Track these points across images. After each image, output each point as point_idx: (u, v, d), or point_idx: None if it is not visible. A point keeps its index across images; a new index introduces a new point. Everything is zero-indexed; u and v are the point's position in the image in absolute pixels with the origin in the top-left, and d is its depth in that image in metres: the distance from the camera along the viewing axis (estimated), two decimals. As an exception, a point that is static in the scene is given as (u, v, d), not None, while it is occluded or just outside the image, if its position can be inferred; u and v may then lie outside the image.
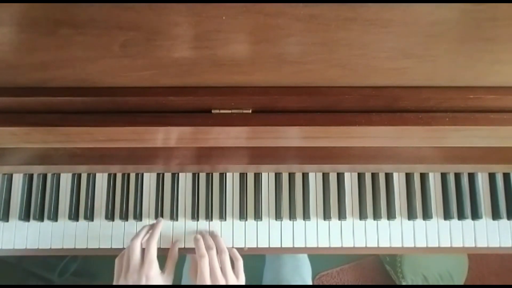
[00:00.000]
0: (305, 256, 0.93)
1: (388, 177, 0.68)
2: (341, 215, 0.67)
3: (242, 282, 0.62)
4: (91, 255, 0.67)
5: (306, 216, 0.67)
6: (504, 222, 0.67)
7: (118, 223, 0.68)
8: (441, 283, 1.27)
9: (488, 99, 0.51)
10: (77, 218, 0.68)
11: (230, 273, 0.60)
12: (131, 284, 0.57)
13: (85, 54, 0.48)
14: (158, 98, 0.50)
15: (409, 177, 0.68)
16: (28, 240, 0.68)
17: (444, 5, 0.44)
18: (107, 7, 0.45)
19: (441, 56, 0.48)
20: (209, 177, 0.68)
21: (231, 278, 0.60)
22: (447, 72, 0.49)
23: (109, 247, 0.67)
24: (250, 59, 0.48)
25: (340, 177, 0.68)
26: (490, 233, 0.67)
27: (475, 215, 0.67)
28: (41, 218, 0.68)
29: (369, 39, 0.46)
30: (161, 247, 0.66)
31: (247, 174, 0.68)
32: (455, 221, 0.67)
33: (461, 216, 0.67)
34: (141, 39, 0.47)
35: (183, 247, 0.67)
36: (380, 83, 0.50)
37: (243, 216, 0.67)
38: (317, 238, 0.67)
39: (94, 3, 0.45)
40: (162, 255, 0.64)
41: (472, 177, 0.68)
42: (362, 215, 0.67)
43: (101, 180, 0.69)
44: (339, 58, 0.48)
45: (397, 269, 1.29)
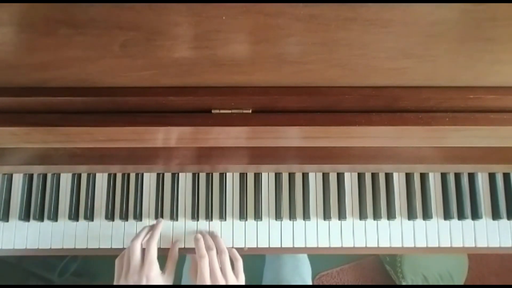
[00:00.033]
0: (305, 256, 0.93)
1: (388, 177, 0.68)
2: (341, 215, 0.67)
3: (242, 282, 0.62)
4: (91, 255, 0.67)
5: (306, 216, 0.67)
6: (504, 222, 0.67)
7: (118, 223, 0.68)
8: (441, 283, 1.27)
9: (488, 99, 0.51)
10: (77, 218, 0.68)
11: (230, 274, 0.60)
12: (131, 284, 0.57)
13: (85, 54, 0.48)
14: (158, 98, 0.50)
15: (409, 177, 0.68)
16: (28, 240, 0.68)
17: (444, 5, 0.44)
18: (107, 7, 0.45)
19: (441, 56, 0.48)
20: (209, 177, 0.68)
21: (231, 279, 0.60)
22: (447, 72, 0.49)
23: (109, 247, 0.67)
24: (250, 59, 0.48)
25: (340, 177, 0.68)
26: (490, 233, 0.67)
27: (475, 215, 0.67)
28: (41, 218, 0.68)
29: (369, 39, 0.46)
30: (161, 247, 0.66)
31: (247, 174, 0.68)
32: (455, 221, 0.67)
33: (461, 216, 0.67)
34: (141, 39, 0.47)
35: (183, 247, 0.67)
36: (380, 83, 0.50)
37: (243, 216, 0.67)
38: (317, 238, 0.67)
39: (94, 3, 0.45)
40: (162, 255, 0.64)
41: (472, 177, 0.68)
42: (362, 215, 0.67)
43: (101, 180, 0.69)
44: (339, 58, 0.48)
45: (397, 269, 1.29)
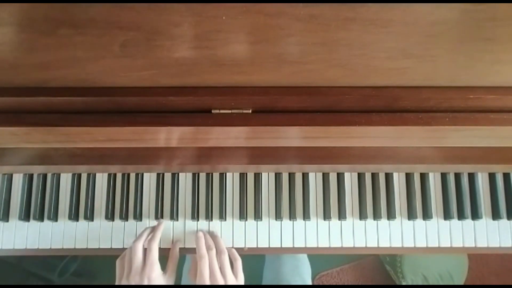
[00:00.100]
0: (304, 256, 0.93)
1: (388, 177, 0.68)
2: (341, 215, 0.67)
3: (241, 282, 0.62)
4: (91, 255, 0.67)
5: (306, 216, 0.67)
6: (504, 222, 0.67)
7: (118, 223, 0.68)
8: (441, 283, 1.27)
9: (488, 99, 0.51)
10: (77, 218, 0.68)
11: (229, 274, 0.60)
12: (132, 285, 0.57)
13: (85, 54, 0.48)
14: (158, 98, 0.50)
15: (409, 177, 0.68)
16: (28, 240, 0.67)
17: (444, 5, 0.44)
18: (107, 7, 0.45)
19: (441, 56, 0.48)
20: (209, 177, 0.68)
21: (230, 279, 0.60)
22: (447, 72, 0.49)
23: (109, 247, 0.67)
24: (250, 59, 0.48)
25: (340, 177, 0.68)
26: (490, 233, 0.67)
27: (475, 215, 0.67)
28: (41, 218, 0.68)
29: (369, 39, 0.46)
30: (161, 247, 0.66)
31: (247, 174, 0.68)
32: (455, 221, 0.67)
33: (461, 216, 0.67)
34: (141, 39, 0.47)
35: (183, 247, 0.67)
36: (380, 83, 0.50)
37: (243, 216, 0.67)
38: (317, 238, 0.67)
39: (94, 3, 0.45)
40: (162, 255, 0.64)
41: (472, 177, 0.68)
42: (362, 215, 0.67)
43: (101, 180, 0.69)
44: (339, 58, 0.48)
45: (397, 269, 1.29)
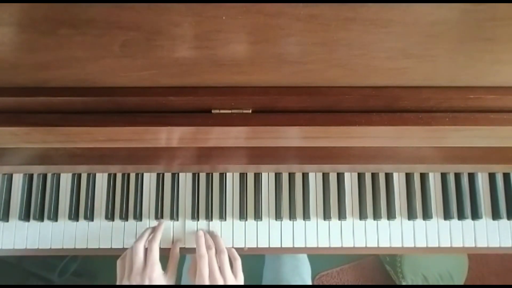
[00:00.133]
0: (304, 256, 0.93)
1: (388, 177, 0.68)
2: (341, 215, 0.67)
3: (241, 282, 0.62)
4: (91, 255, 0.67)
5: (306, 216, 0.67)
6: (504, 222, 0.67)
7: (118, 223, 0.68)
8: (441, 283, 1.27)
9: (488, 99, 0.51)
10: (77, 218, 0.68)
11: (229, 273, 0.60)
12: (133, 285, 0.57)
13: (85, 54, 0.48)
14: (158, 98, 0.50)
15: (409, 177, 0.68)
16: (28, 240, 0.67)
17: (444, 5, 0.44)
18: (107, 7, 0.45)
19: (441, 56, 0.48)
20: (209, 177, 0.68)
21: (230, 278, 0.60)
22: (447, 72, 0.49)
23: (109, 247, 0.67)
24: (250, 59, 0.48)
25: (340, 177, 0.68)
26: (490, 233, 0.67)
27: (475, 215, 0.67)
28: (41, 218, 0.68)
29: (369, 39, 0.46)
30: (161, 247, 0.65)
31: (247, 174, 0.68)
32: (455, 221, 0.67)
33: (461, 216, 0.67)
34: (141, 39, 0.47)
35: (183, 247, 0.67)
36: (380, 83, 0.50)
37: (243, 216, 0.67)
38: (317, 238, 0.67)
39: (94, 3, 0.44)
40: (163, 255, 0.64)
41: (472, 177, 0.68)
42: (362, 215, 0.67)
43: (101, 180, 0.69)
44: (339, 58, 0.48)
45: (397, 269, 1.29)
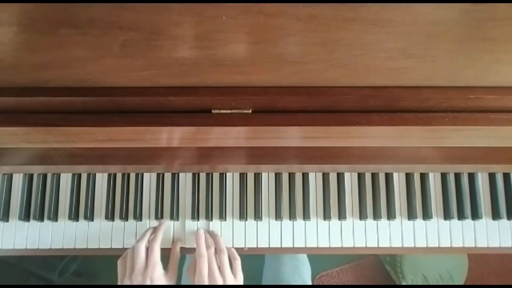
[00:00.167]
0: (304, 256, 0.93)
1: (388, 177, 0.68)
2: (341, 215, 0.67)
3: (240, 282, 0.62)
4: (91, 255, 0.67)
5: (306, 216, 0.67)
6: (504, 222, 0.67)
7: (118, 223, 0.68)
8: (441, 283, 1.27)
9: (488, 99, 0.51)
10: (77, 218, 0.68)
11: (228, 273, 0.60)
12: (133, 285, 0.57)
13: (85, 54, 0.48)
14: (158, 98, 0.50)
15: (409, 177, 0.68)
16: (28, 240, 0.67)
17: (444, 5, 0.44)
18: (107, 7, 0.45)
19: (441, 56, 0.48)
20: (209, 177, 0.68)
21: (229, 278, 0.60)
22: (447, 72, 0.49)
23: (109, 247, 0.67)
24: (250, 59, 0.48)
25: (340, 177, 0.68)
26: (490, 233, 0.67)
27: (475, 215, 0.67)
28: (41, 218, 0.68)
29: (369, 39, 0.46)
30: (161, 247, 0.65)
31: (247, 174, 0.68)
32: (455, 221, 0.67)
33: (461, 216, 0.67)
34: (141, 39, 0.47)
35: (183, 247, 0.67)
36: (380, 83, 0.50)
37: (243, 216, 0.67)
38: (317, 238, 0.67)
39: (94, 3, 0.45)
40: (163, 255, 0.64)
41: (472, 177, 0.68)
42: (362, 215, 0.67)
43: (101, 180, 0.69)
44: (339, 58, 0.48)
45: (397, 269, 1.29)
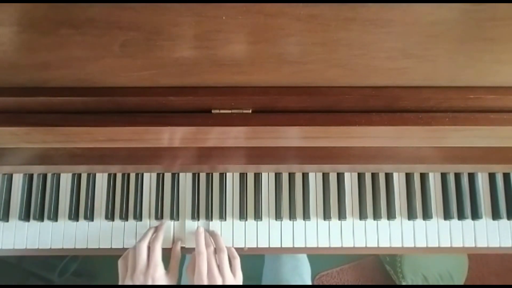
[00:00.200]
0: (304, 256, 0.93)
1: (388, 177, 0.68)
2: (341, 215, 0.67)
3: (240, 281, 0.62)
4: (91, 255, 0.67)
5: (306, 216, 0.67)
6: (504, 222, 0.67)
7: (118, 223, 0.68)
8: (441, 283, 1.27)
9: (488, 99, 0.51)
10: (77, 218, 0.68)
11: (228, 272, 0.60)
12: (133, 285, 0.57)
13: (85, 54, 0.48)
14: (158, 98, 0.50)
15: (409, 177, 0.68)
16: (28, 240, 0.67)
17: (444, 5, 0.44)
18: (107, 7, 0.45)
19: (441, 56, 0.48)
20: (209, 177, 0.68)
21: (229, 277, 0.60)
22: (447, 72, 0.49)
23: (109, 247, 0.67)
24: (250, 59, 0.48)
25: (340, 177, 0.68)
26: (490, 233, 0.67)
27: (475, 215, 0.67)
28: (41, 218, 0.68)
29: (369, 39, 0.46)
30: (162, 247, 0.66)
31: (247, 174, 0.68)
32: (455, 221, 0.67)
33: (461, 216, 0.67)
34: (141, 39, 0.47)
35: (183, 246, 0.67)
36: (380, 83, 0.50)
37: (243, 216, 0.67)
38: (317, 238, 0.67)
39: (94, 3, 0.45)
40: (163, 254, 0.64)
41: (472, 177, 0.68)
42: (362, 215, 0.67)
43: (101, 180, 0.69)
44: (339, 58, 0.48)
45: (397, 269, 1.29)
